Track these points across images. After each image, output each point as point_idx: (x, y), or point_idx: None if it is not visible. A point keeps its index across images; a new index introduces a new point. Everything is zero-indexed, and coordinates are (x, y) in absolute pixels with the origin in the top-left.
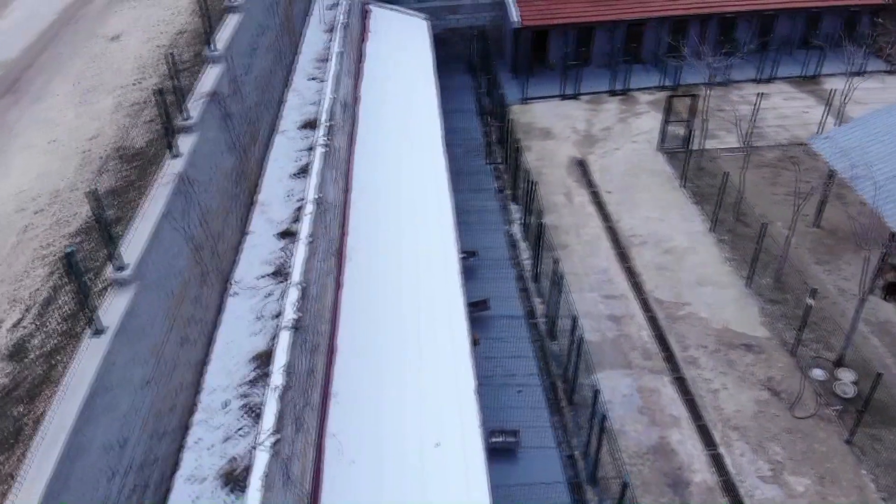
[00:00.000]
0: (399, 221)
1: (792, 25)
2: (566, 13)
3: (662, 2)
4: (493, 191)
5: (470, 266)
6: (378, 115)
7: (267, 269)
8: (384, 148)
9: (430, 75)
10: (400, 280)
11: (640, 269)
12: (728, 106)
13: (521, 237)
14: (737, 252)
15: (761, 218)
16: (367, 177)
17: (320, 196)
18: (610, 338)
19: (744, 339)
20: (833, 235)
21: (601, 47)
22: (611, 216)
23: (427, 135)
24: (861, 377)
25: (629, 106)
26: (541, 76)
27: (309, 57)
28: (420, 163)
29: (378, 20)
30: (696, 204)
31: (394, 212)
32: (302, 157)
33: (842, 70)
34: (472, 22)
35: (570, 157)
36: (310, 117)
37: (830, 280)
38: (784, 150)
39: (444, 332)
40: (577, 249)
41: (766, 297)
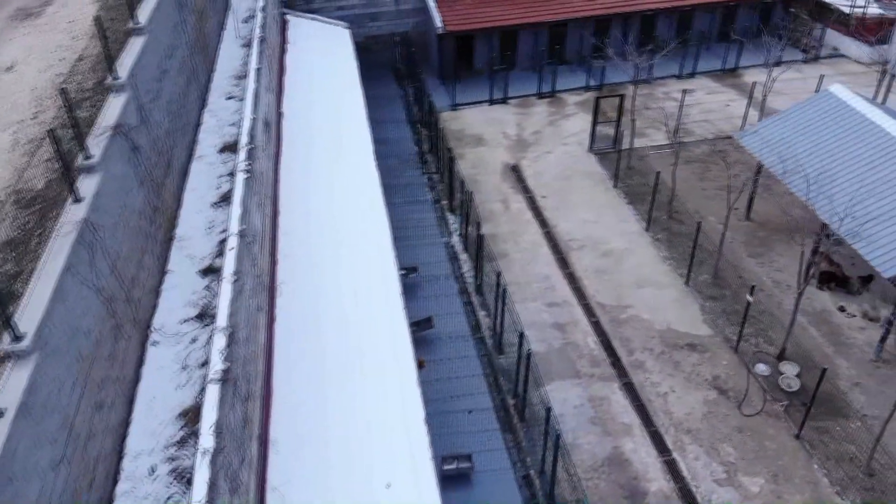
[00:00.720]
0: (333, 243)
1: (710, 20)
2: (488, 17)
3: (583, 2)
4: (429, 202)
5: (411, 283)
6: (304, 130)
7: (190, 311)
8: (313, 165)
9: (355, 85)
10: (338, 307)
11: (581, 274)
12: (654, 103)
13: (460, 248)
14: (673, 250)
15: (694, 214)
16: (296, 198)
17: (244, 228)
18: (556, 347)
19: (687, 339)
20: (764, 227)
21: (526, 50)
22: (548, 221)
23: (357, 148)
24: (804, 369)
25: (558, 108)
26: (468, 81)
27: (226, 74)
28: (352, 179)
29: (297, 30)
30: (630, 204)
31: (327, 233)
32: (223, 183)
33: (759, 62)
34: (394, 28)
35: (504, 163)
36: (229, 139)
37: (765, 272)
38: (711, 144)
39: (388, 359)
40: (517, 258)
41: (706, 295)
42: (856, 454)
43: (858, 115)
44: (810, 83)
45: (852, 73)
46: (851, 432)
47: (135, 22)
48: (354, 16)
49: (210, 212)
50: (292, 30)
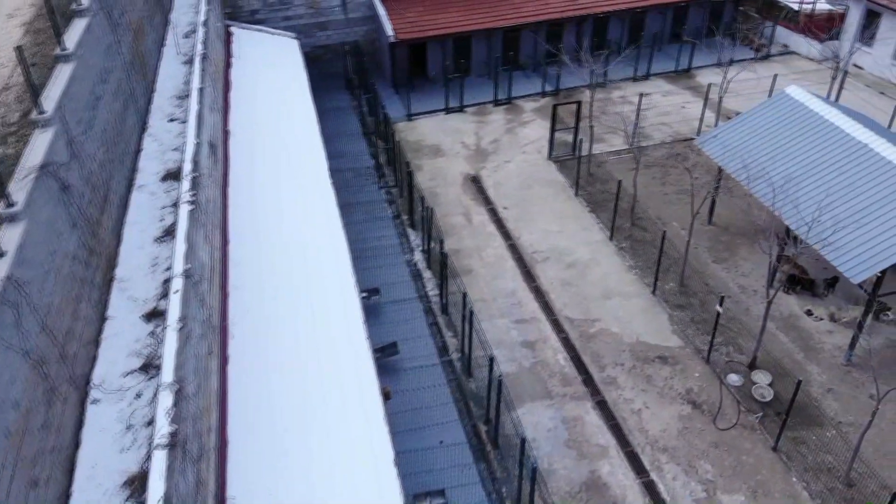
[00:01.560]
0: (288, 270)
1: (661, 21)
2: (440, 24)
3: (535, 7)
4: (388, 218)
5: (373, 306)
6: (253, 149)
7: (134, 362)
8: (264, 187)
9: (306, 98)
10: (296, 340)
11: (547, 287)
12: (611, 107)
13: (423, 265)
14: (638, 258)
15: (657, 221)
16: (248, 223)
17: (189, 267)
18: (526, 367)
19: (658, 351)
20: (727, 231)
21: (480, 56)
22: (511, 233)
23: (310, 165)
24: (776, 377)
25: (515, 115)
26: (423, 90)
27: (167, 94)
28: (306, 199)
29: (242, 43)
30: (592, 212)
31: (281, 260)
32: (166, 215)
33: (712, 62)
34: (344, 38)
35: (464, 174)
36: (173, 166)
37: (731, 278)
38: (669, 147)
39: (352, 393)
40: (482, 273)
41: (673, 304)
42: (833, 464)
43: (817, 116)
44: (764, 82)
45: (804, 71)
46: (827, 441)
47: (62, 48)
48: (302, 26)
49: (153, 247)
50: (237, 42)
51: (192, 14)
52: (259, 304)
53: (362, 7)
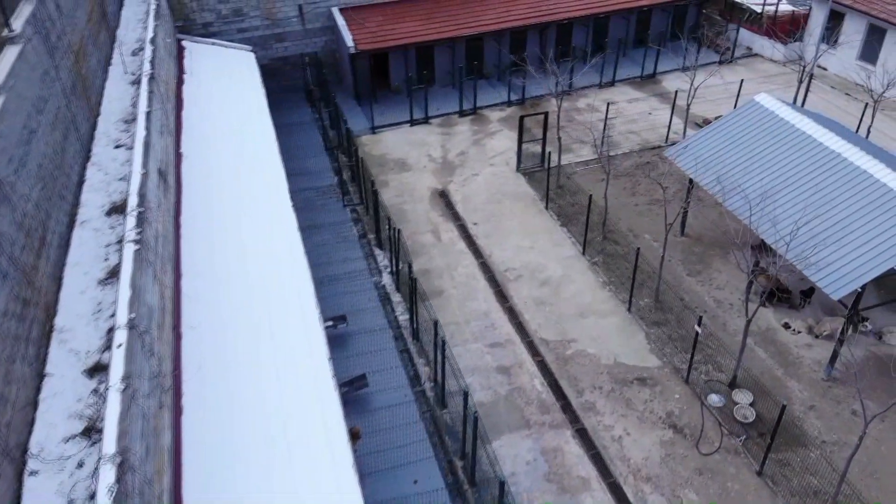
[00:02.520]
0: (246, 303)
1: (625, 26)
2: (400, 34)
3: (496, 15)
4: (354, 238)
5: (340, 335)
6: (207, 172)
7: (75, 425)
8: (219, 212)
9: (264, 114)
10: (256, 381)
11: (521, 308)
12: (577, 115)
13: (392, 288)
14: (611, 274)
15: (628, 234)
16: (203, 253)
17: (134, 317)
18: (503, 394)
19: (636, 373)
20: (700, 242)
21: (444, 66)
22: (482, 251)
23: (269, 187)
24: (757, 396)
25: (481, 126)
26: (387, 101)
27: (113, 118)
28: (265, 224)
29: (195, 57)
30: (563, 226)
31: (240, 292)
32: (111, 253)
33: (677, 66)
34: (302, 49)
35: (431, 189)
36: (118, 198)
37: (706, 291)
38: (638, 156)
39: (318, 437)
40: (453, 294)
41: (649, 321)
42: (819, 487)
43: (788, 125)
44: (731, 87)
45: (770, 75)
46: (812, 463)
47: None
48: (258, 38)
49: (97, 291)
50: (190, 58)
51: (140, 30)
52: (215, 344)
53: (321, 17)
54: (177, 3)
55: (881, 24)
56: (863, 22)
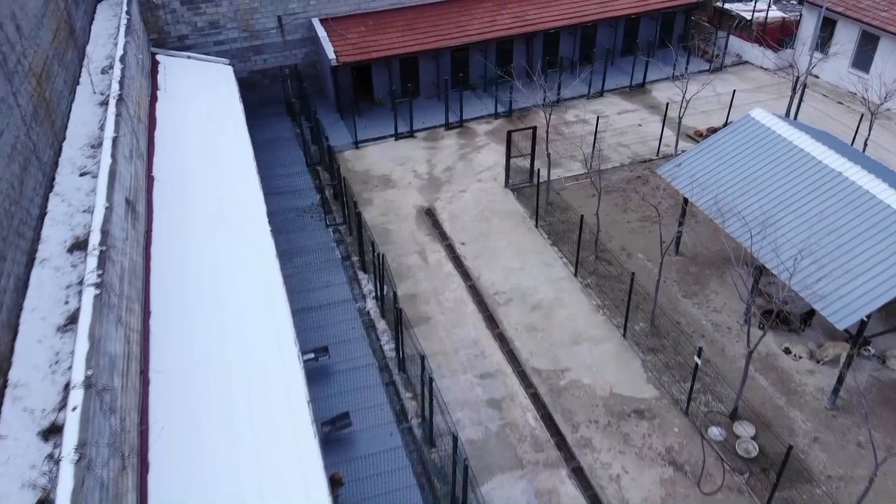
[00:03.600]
0: (221, 341)
1: (613, 34)
2: (383, 45)
3: (481, 25)
4: (337, 261)
5: (321, 367)
6: (182, 196)
7: (27, 497)
8: (193, 241)
9: (241, 132)
10: (229, 430)
11: (512, 334)
12: (566, 128)
13: (377, 314)
14: (604, 297)
15: (621, 252)
16: (175, 286)
17: (91, 374)
18: (494, 431)
19: (633, 404)
20: (695, 262)
21: (428, 77)
22: (470, 272)
23: (246, 211)
24: (759, 428)
25: (468, 139)
26: (370, 114)
27: (80, 142)
28: (242, 251)
29: (170, 72)
30: (554, 245)
31: (213, 329)
32: (72, 295)
33: (666, 75)
34: (282, 61)
35: (417, 207)
36: (82, 233)
37: (703, 314)
38: (629, 170)
39: (294, 488)
40: (440, 320)
41: (645, 347)
42: None
43: (786, 142)
44: (722, 96)
45: (761, 85)
46: (818, 501)
47: None
48: (236, 50)
49: (55, 339)
50: (164, 73)
51: (110, 46)
52: (186, 389)
53: (301, 28)
54: (150, 16)
55: (874, 32)
56: (855, 29)
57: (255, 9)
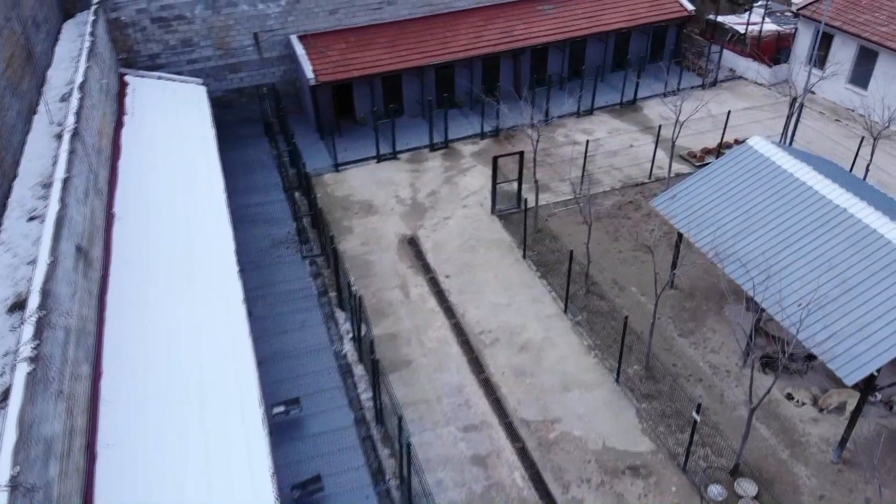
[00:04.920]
0: (179, 405)
1: (603, 50)
2: (366, 63)
3: (467, 41)
4: (313, 297)
5: (291, 421)
6: (144, 235)
7: None
8: (154, 286)
9: (212, 160)
10: None
11: (498, 379)
12: (555, 149)
13: (354, 358)
14: (596, 336)
15: (613, 285)
16: (130, 341)
17: (17, 473)
18: (478, 492)
19: (628, 459)
20: (691, 297)
21: (412, 95)
22: (455, 309)
23: (214, 249)
24: (762, 486)
25: (453, 161)
26: (352, 134)
27: (31, 181)
28: (205, 298)
29: (139, 95)
30: (543, 278)
31: (170, 390)
32: (7, 367)
33: (658, 91)
34: (260, 80)
35: (400, 235)
36: (26, 289)
37: (700, 355)
38: (620, 194)
39: None
40: (422, 364)
41: (640, 393)
42: None
43: (786, 175)
44: (716, 112)
45: (757, 103)
46: None
47: None
48: (211, 69)
49: None
50: (133, 94)
51: (72, 71)
52: (137, 465)
53: (278, 46)
54: (119, 34)
55: (873, 47)
56: (853, 44)
57: (230, 26)
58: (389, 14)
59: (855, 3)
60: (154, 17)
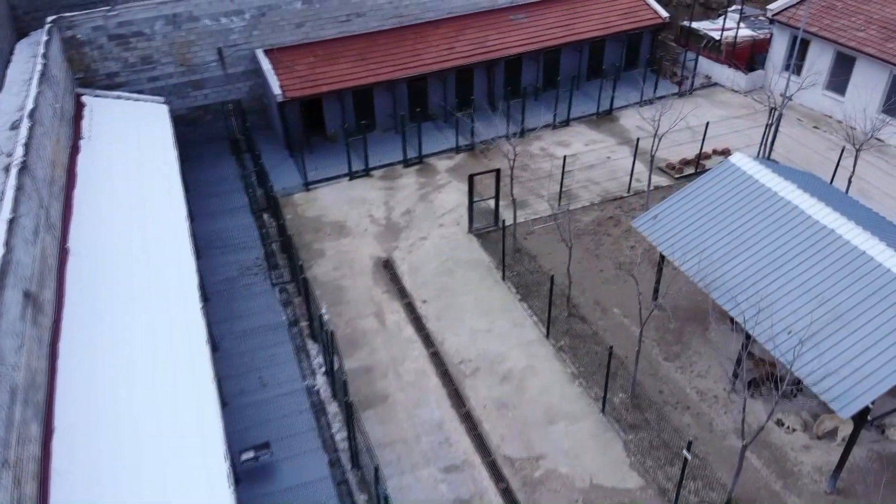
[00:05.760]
0: (137, 476)
1: (577, 59)
2: (334, 77)
3: (438, 53)
4: (284, 327)
5: (261, 467)
6: (100, 272)
7: None
8: (109, 332)
9: (174, 183)
10: None
11: (480, 413)
12: (532, 163)
13: (328, 394)
14: (580, 362)
15: (595, 306)
16: (84, 393)
17: None
18: None
19: (616, 497)
20: (675, 316)
21: (384, 109)
22: (433, 337)
23: (175, 284)
24: None
25: (428, 177)
26: (322, 151)
27: None
28: (166, 341)
29: (96, 116)
30: (523, 300)
31: (128, 456)
32: None
33: (634, 101)
34: (225, 96)
35: (374, 258)
36: None
37: (686, 380)
38: (599, 209)
39: None
40: (399, 399)
41: (626, 423)
42: None
43: (772, 194)
44: (693, 121)
45: (736, 114)
46: None
47: None
48: (173, 86)
49: None
50: (90, 116)
51: (24, 95)
52: None
53: (244, 61)
54: (76, 53)
55: (850, 53)
56: (830, 50)
57: (193, 41)
58: (358, 26)
59: (830, 7)
60: (112, 34)
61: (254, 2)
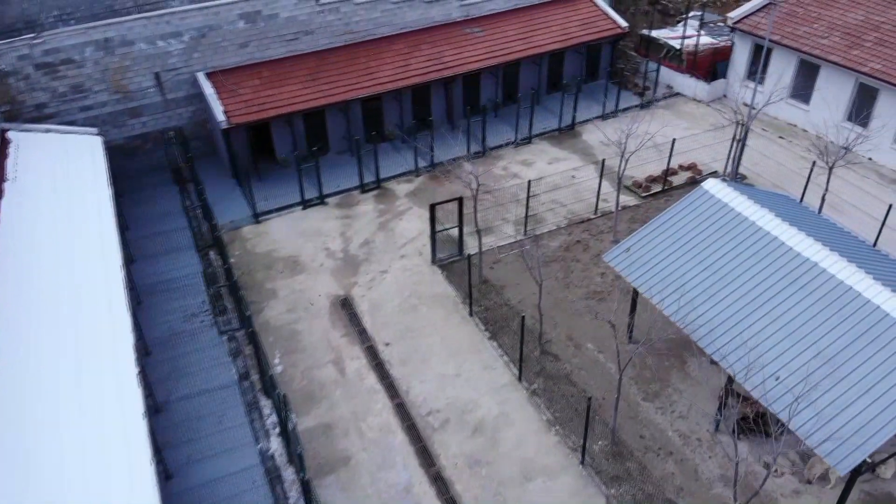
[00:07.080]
0: None
1: (537, 72)
2: (282, 100)
3: (393, 71)
4: (233, 383)
5: None
6: (23, 341)
7: None
8: (31, 407)
9: (108, 225)
10: None
11: (451, 473)
12: (495, 183)
13: (283, 459)
14: (555, 407)
15: (568, 342)
16: (3, 490)
17: None
18: None
19: None
20: (652, 350)
21: (337, 131)
22: (397, 385)
23: (107, 349)
24: None
25: (387, 203)
26: (273, 178)
27: None
28: (97, 412)
29: (23, 153)
30: (493, 339)
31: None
32: None
33: (596, 114)
34: (165, 123)
35: (331, 297)
36: None
37: (667, 422)
38: (567, 233)
39: None
40: (362, 461)
41: (608, 475)
42: None
43: (749, 224)
44: (663, 148)
45: (702, 128)
46: None
47: None
48: (108, 115)
49: None
50: (16, 153)
51: None
52: None
53: (185, 85)
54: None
55: (813, 61)
56: (793, 58)
57: (127, 67)
58: (307, 44)
59: (792, 14)
60: (38, 62)
61: (193, 23)
